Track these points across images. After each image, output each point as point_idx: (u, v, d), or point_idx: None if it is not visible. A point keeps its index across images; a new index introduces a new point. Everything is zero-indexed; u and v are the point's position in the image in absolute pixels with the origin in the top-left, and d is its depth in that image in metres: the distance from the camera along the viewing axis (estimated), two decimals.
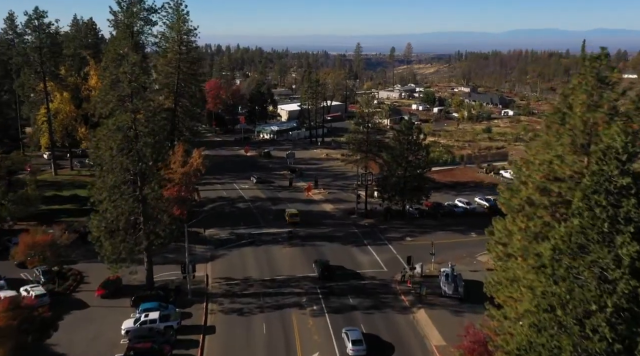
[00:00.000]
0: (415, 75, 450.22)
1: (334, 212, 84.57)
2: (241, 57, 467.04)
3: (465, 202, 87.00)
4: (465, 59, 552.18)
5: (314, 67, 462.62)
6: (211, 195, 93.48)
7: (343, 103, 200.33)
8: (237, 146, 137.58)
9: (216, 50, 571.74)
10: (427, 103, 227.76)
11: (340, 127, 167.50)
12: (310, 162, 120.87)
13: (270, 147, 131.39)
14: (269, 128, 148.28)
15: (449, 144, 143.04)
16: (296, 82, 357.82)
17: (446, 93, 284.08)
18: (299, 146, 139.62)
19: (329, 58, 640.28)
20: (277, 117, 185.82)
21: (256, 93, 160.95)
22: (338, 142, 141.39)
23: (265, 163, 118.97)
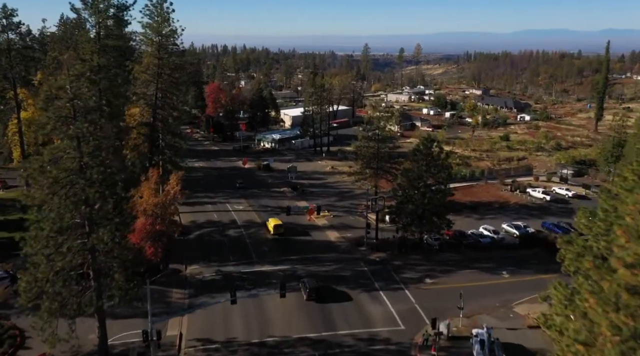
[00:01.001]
0: (424, 76, 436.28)
1: (340, 243, 71.77)
2: (247, 58, 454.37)
3: (492, 229, 73.94)
4: (474, 60, 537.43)
5: (321, 68, 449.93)
6: (200, 218, 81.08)
7: (350, 108, 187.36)
8: (235, 157, 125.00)
9: (222, 51, 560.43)
10: (439, 107, 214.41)
11: (347, 134, 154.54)
12: (314, 176, 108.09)
13: (271, 158, 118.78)
14: (270, 137, 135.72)
15: (466, 155, 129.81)
16: (302, 84, 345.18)
17: (457, 96, 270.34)
18: (302, 157, 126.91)
19: (336, 58, 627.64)
20: (280, 123, 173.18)
21: (257, 98, 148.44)
22: (344, 152, 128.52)
23: (264, 178, 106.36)
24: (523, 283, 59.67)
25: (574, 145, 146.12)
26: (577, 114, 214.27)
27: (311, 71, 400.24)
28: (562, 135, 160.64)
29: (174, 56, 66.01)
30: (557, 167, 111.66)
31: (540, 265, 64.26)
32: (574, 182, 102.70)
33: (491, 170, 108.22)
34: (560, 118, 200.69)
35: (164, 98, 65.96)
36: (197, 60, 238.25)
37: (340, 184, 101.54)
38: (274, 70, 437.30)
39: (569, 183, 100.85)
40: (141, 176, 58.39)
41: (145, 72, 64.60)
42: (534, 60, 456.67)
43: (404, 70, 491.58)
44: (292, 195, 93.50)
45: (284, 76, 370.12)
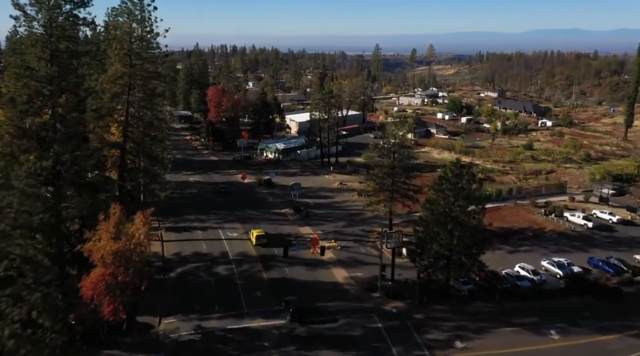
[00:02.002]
0: (435, 77, 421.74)
1: (349, 285, 59.15)
2: (255, 59, 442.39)
3: (531, 269, 61.00)
4: (487, 60, 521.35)
5: (331, 68, 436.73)
6: (186, 248, 68.93)
7: (360, 113, 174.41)
8: (235, 169, 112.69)
9: (231, 51, 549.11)
10: (454, 112, 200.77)
11: (358, 143, 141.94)
12: (320, 193, 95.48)
13: (272, 172, 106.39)
14: (273, 146, 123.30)
15: (488, 167, 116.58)
16: (311, 85, 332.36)
17: (472, 98, 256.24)
18: (307, 169, 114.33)
19: (346, 59, 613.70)
20: (286, 129, 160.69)
21: (261, 103, 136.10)
22: (354, 164, 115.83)
23: (264, 196, 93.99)
24: (578, 348, 46.88)
25: (605, 155, 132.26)
26: (601, 119, 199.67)
27: (320, 71, 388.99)
28: (590, 144, 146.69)
29: (149, 63, 53.68)
30: (593, 184, 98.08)
31: (596, 320, 51.48)
32: (615, 203, 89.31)
33: (520, 188, 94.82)
34: (584, 124, 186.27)
35: (138, 114, 53.78)
36: (202, 61, 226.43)
37: (349, 204, 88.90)
38: (283, 71, 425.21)
39: (610, 205, 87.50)
40: (107, 211, 46.10)
41: (114, 82, 52.40)
42: (549, 61, 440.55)
43: (415, 70, 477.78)
44: (295, 219, 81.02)
45: (293, 77, 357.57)
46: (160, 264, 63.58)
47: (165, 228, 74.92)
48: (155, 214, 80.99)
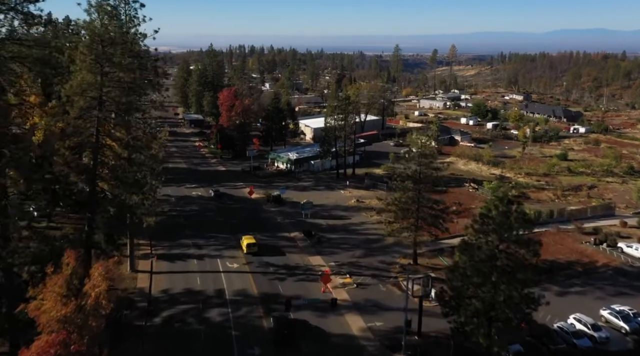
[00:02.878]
0: (456, 78, 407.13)
1: (366, 340, 48.17)
2: (273, 59, 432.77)
3: (590, 323, 49.31)
4: (509, 61, 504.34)
5: (349, 69, 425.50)
6: (177, 283, 58.70)
7: (380, 118, 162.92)
8: (243, 181, 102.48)
9: (249, 51, 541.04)
10: (478, 116, 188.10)
11: (377, 151, 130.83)
12: (334, 213, 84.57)
13: (283, 187, 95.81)
14: (285, 156, 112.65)
15: (521, 182, 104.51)
16: (328, 86, 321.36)
17: (496, 102, 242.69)
18: (321, 182, 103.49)
19: (364, 59, 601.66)
20: (300, 135, 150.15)
21: (273, 108, 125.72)
22: (373, 177, 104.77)
23: (272, 215, 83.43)
24: None
25: None
26: (638, 125, 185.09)
27: (338, 72, 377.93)
28: (630, 154, 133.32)
29: (125, 71, 43.37)
30: None
31: None
32: None
33: (562, 210, 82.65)
34: (620, 131, 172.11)
35: (109, 133, 43.59)
36: (216, 62, 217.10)
37: (367, 227, 77.86)
38: (301, 71, 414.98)
39: None
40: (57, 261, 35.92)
41: (81, 95, 42.27)
42: (574, 62, 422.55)
43: (435, 71, 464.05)
44: (305, 245, 70.30)
45: (310, 78, 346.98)
46: (145, 305, 53.51)
47: (157, 256, 64.82)
48: (149, 237, 72.28)
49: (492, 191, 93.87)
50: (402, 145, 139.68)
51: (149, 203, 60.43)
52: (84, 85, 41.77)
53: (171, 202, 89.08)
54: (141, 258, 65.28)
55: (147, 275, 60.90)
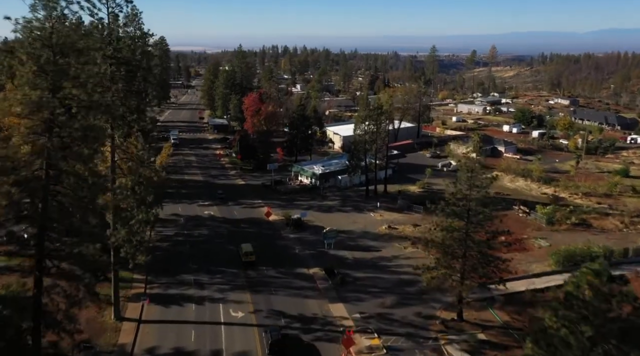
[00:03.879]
0: (495, 80, 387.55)
1: None
2: (305, 60, 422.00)
3: None
4: (551, 62, 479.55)
5: (382, 70, 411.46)
6: (168, 338, 47.81)
7: (415, 125, 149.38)
8: (261, 199, 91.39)
9: (282, 52, 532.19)
10: (522, 123, 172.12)
11: (412, 164, 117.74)
12: (362, 243, 72.32)
13: (306, 205, 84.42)
14: (309, 170, 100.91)
15: (580, 204, 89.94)
16: (361, 88, 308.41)
17: (540, 106, 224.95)
18: (349, 202, 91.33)
19: (399, 59, 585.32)
20: (329, 144, 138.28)
21: (298, 116, 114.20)
22: (407, 196, 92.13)
23: (289, 243, 71.84)
24: None
25: None
26: None
27: (372, 73, 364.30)
28: None
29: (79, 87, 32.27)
30: None
31: None
32: None
33: (639, 248, 68.05)
34: None
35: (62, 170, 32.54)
36: (245, 63, 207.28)
37: (400, 263, 65.35)
38: (333, 72, 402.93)
39: None
40: None
41: (27, 117, 31.45)
42: (622, 63, 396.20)
43: (472, 72, 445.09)
44: (326, 287, 58.48)
45: (342, 79, 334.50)
46: None
47: (150, 298, 54.16)
48: (145, 271, 62.02)
49: (547, 217, 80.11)
50: (439, 157, 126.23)
51: (138, 240, 49.68)
52: (27, 105, 30.93)
53: (179, 223, 78.76)
54: (131, 299, 54.88)
55: (134, 324, 50.29)
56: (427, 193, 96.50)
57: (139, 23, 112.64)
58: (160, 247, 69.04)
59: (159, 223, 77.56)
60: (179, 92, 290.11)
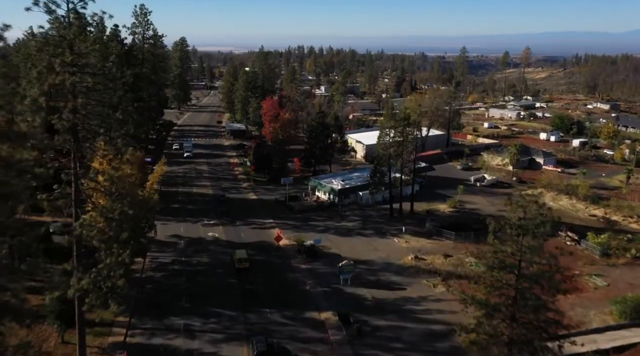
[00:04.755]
0: (527, 82, 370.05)
1: None
2: (330, 60, 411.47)
3: None
4: (585, 63, 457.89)
5: (409, 71, 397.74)
6: None
7: (444, 133, 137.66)
8: (273, 218, 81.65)
9: (308, 52, 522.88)
10: (560, 131, 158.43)
11: (441, 177, 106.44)
12: (384, 277, 61.67)
13: (322, 227, 74.36)
14: (327, 185, 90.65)
15: (633, 228, 77.52)
16: (387, 90, 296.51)
17: (578, 111, 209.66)
18: (370, 223, 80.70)
19: (426, 60, 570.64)
20: (351, 153, 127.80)
21: (317, 125, 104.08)
22: (436, 217, 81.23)
23: (301, 276, 61.79)
24: None
25: None
26: None
27: (398, 75, 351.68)
28: None
29: None
30: None
31: None
32: None
33: None
34: None
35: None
36: (267, 64, 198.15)
37: (428, 307, 54.58)
38: (359, 73, 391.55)
39: None
40: None
41: None
42: None
43: (502, 73, 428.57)
44: (339, 339, 48.27)
45: (368, 81, 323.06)
46: None
47: (129, 350, 44.92)
48: (132, 310, 53.01)
49: (602, 247, 68.23)
50: (471, 169, 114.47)
51: (108, 287, 40.38)
52: None
53: (179, 247, 69.61)
54: (107, 351, 45.66)
55: None
56: (459, 213, 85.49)
57: (148, 23, 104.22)
58: (152, 278, 60.04)
59: (156, 246, 69.15)
60: (202, 94, 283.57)
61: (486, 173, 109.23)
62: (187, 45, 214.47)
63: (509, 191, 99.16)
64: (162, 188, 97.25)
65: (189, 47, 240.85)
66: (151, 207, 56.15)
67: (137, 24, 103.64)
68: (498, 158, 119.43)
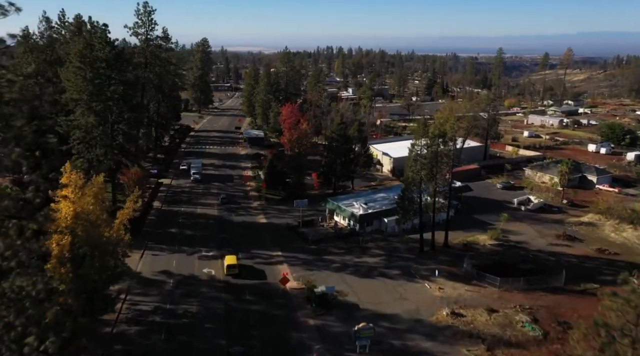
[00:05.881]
0: (565, 85, 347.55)
1: None
2: (359, 61, 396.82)
3: None
4: (628, 65, 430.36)
5: (441, 72, 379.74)
6: None
7: (482, 145, 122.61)
8: (280, 251, 69.04)
9: (336, 53, 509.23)
10: (611, 141, 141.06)
11: (479, 198, 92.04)
12: (411, 342, 48.11)
13: (338, 263, 61.37)
14: (348, 209, 77.45)
15: None
16: (417, 93, 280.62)
17: (626, 118, 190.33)
18: (396, 259, 67.06)
19: (458, 61, 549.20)
20: (376, 166, 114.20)
21: (338, 137, 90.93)
22: (475, 253, 67.17)
23: (307, 337, 48.80)
24: None
25: None
26: None
27: (429, 77, 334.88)
28: None
29: None
30: None
31: None
32: None
33: None
34: None
35: None
36: (291, 66, 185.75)
37: None
38: (388, 75, 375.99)
39: None
40: None
41: None
42: None
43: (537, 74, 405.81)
44: None
45: (397, 83, 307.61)
46: None
47: None
48: None
49: None
50: (513, 188, 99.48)
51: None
52: None
53: (166, 289, 57.70)
54: None
55: None
56: (502, 247, 71.14)
57: (153, 23, 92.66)
58: (124, 335, 48.15)
59: (141, 286, 57.57)
60: (226, 95, 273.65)
61: (531, 193, 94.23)
62: (208, 46, 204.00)
63: (559, 217, 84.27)
64: (163, 206, 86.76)
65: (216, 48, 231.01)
66: (116, 263, 43.80)
67: (141, 23, 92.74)
68: (544, 175, 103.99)
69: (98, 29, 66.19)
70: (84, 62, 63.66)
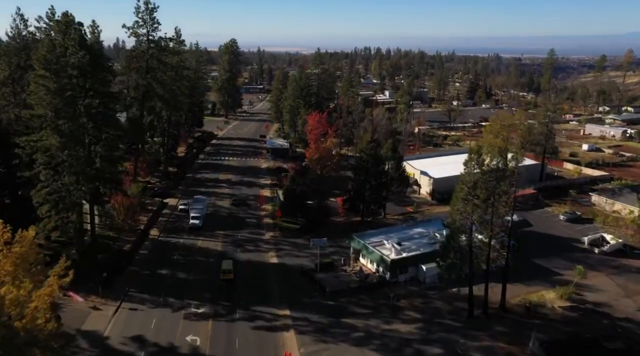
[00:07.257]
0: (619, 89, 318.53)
1: None
2: (397, 62, 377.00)
3: None
4: None
5: (483, 74, 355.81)
6: None
7: (538, 163, 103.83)
8: (288, 308, 53.80)
9: (375, 54, 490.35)
10: None
11: (538, 234, 74.26)
12: None
13: (362, 329, 45.64)
14: (376, 251, 61.29)
15: None
16: (458, 96, 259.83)
17: None
18: (436, 329, 50.53)
19: (501, 62, 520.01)
20: (414, 186, 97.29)
21: (369, 157, 74.87)
22: (545, 323, 50.05)
23: None
24: None
25: None
26: None
27: (471, 79, 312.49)
28: None
29: None
30: None
31: None
32: None
33: None
34: None
35: None
36: (322, 68, 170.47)
37: None
38: (428, 76, 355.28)
39: None
40: None
41: None
42: None
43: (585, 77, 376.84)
44: None
45: (437, 86, 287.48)
46: None
47: None
48: None
49: None
50: (580, 221, 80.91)
51: None
52: None
53: None
54: None
55: None
56: (578, 313, 53.62)
57: (155, 22, 78.70)
58: None
59: None
60: (257, 98, 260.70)
61: (604, 229, 75.72)
62: (237, 47, 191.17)
63: None
64: (160, 236, 73.19)
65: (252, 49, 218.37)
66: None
67: (141, 22, 79.51)
68: (615, 203, 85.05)
69: (71, 28, 52.82)
70: (49, 69, 50.40)
